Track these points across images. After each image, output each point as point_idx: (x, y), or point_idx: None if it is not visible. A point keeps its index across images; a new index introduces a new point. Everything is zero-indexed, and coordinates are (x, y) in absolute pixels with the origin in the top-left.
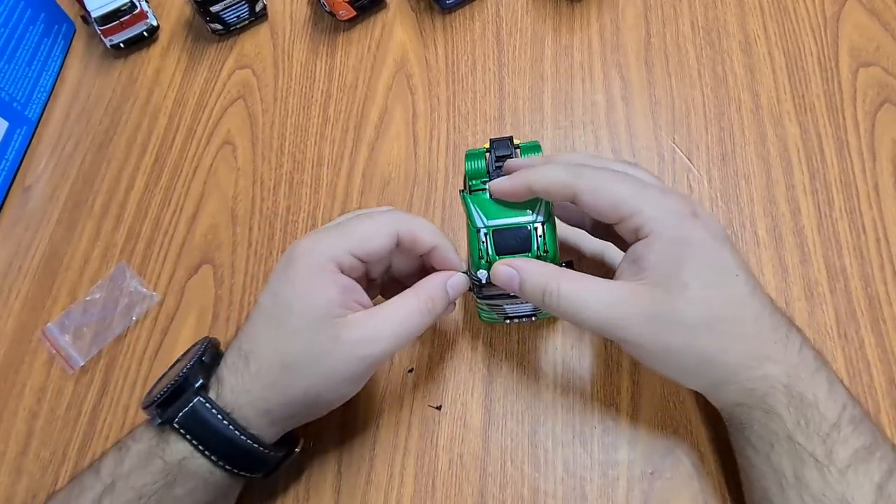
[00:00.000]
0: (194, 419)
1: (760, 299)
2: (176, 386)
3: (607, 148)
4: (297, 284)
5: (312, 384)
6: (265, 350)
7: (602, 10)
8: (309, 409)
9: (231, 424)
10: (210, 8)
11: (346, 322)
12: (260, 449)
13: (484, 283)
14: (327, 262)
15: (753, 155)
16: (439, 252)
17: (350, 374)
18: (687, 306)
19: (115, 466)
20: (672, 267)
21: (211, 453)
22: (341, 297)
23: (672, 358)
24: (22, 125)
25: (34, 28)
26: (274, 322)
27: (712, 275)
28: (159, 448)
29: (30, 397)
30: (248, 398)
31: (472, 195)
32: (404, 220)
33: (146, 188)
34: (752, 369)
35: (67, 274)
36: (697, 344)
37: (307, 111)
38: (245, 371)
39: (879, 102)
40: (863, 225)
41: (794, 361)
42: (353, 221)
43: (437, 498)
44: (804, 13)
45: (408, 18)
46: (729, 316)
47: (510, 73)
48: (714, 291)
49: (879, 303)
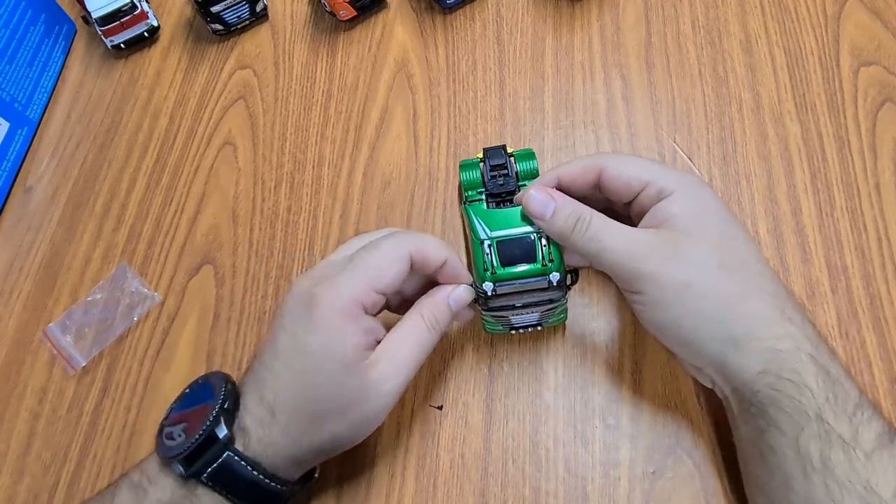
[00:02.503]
0: (225, 473)
1: (775, 278)
2: (202, 440)
3: (608, 147)
4: (323, 333)
5: (341, 430)
6: (291, 401)
7: (603, 9)
8: (336, 450)
9: (262, 475)
10: (211, 8)
11: (369, 364)
12: (285, 489)
13: (490, 296)
14: (353, 306)
15: (754, 154)
16: (448, 268)
17: (377, 412)
18: (710, 248)
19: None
20: (695, 217)
21: (240, 501)
22: (366, 341)
23: (692, 302)
24: (23, 126)
25: (35, 29)
26: (298, 372)
27: (733, 230)
28: (186, 500)
29: (31, 398)
30: (276, 449)
31: (472, 206)
32: (412, 241)
33: (147, 188)
34: (776, 325)
35: (69, 274)
36: (718, 284)
37: (308, 111)
38: (272, 423)
39: (880, 101)
40: (864, 224)
41: (811, 333)
42: (364, 256)
43: (439, 497)
44: (805, 12)
45: (408, 18)
46: (750, 267)
47: (511, 73)
48: (736, 243)
49: (881, 302)
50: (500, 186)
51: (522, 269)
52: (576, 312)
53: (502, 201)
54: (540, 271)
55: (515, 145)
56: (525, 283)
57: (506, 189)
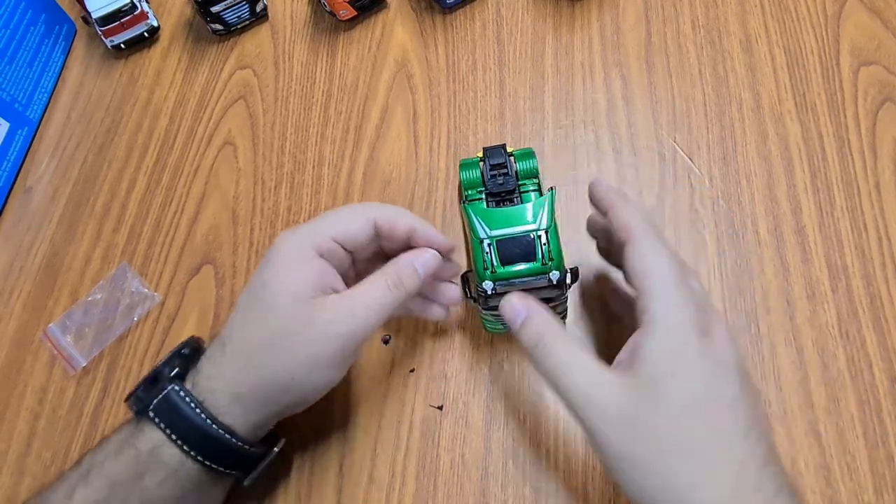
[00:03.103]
0: (166, 406)
1: (751, 447)
2: (152, 376)
3: (608, 147)
4: (274, 267)
5: (285, 366)
6: (240, 332)
7: (603, 9)
8: (284, 395)
9: (203, 413)
10: (211, 8)
11: (319, 303)
12: (231, 440)
13: (490, 294)
14: (305, 246)
15: (754, 154)
16: (419, 235)
17: (323, 356)
18: (666, 422)
19: (93, 456)
20: (671, 365)
21: (182, 442)
22: (317, 280)
23: (635, 470)
24: (23, 126)
25: (35, 29)
26: (250, 305)
27: (700, 405)
28: (133, 437)
29: (31, 398)
30: (221, 383)
31: (471, 205)
32: (381, 208)
33: (147, 189)
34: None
35: (69, 275)
36: (665, 467)
37: (308, 111)
38: (221, 357)
39: (881, 101)
40: (864, 223)
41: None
42: (331, 210)
43: (439, 497)
44: (805, 12)
45: (408, 18)
46: (707, 452)
47: (511, 73)
48: (698, 421)
49: (881, 301)
50: (500, 185)
51: (522, 268)
52: (576, 312)
53: (502, 200)
54: (540, 270)
55: (516, 145)
56: (525, 282)
57: (505, 188)
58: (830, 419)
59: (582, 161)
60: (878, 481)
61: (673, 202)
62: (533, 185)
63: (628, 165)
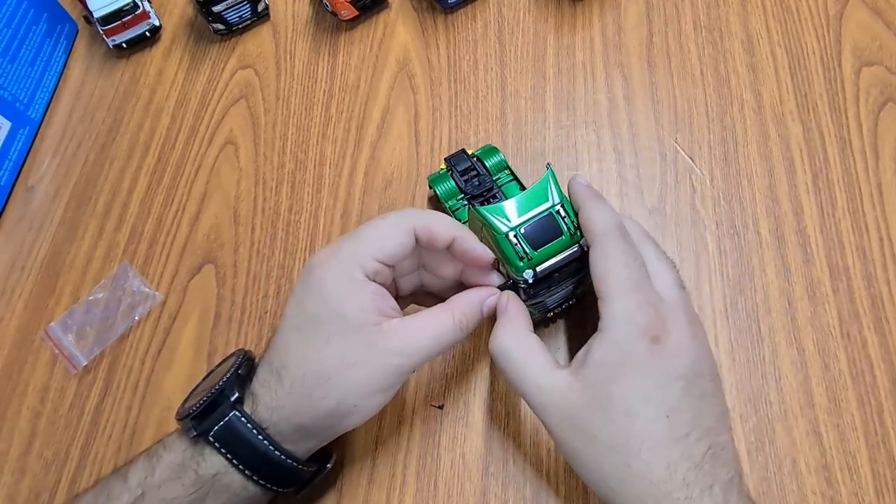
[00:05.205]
0: (230, 433)
1: (687, 448)
2: (212, 399)
3: (609, 147)
4: (324, 293)
5: (346, 394)
6: (297, 363)
7: (604, 9)
8: (342, 420)
9: (266, 440)
10: (212, 8)
11: (381, 330)
12: (294, 464)
13: (532, 283)
14: (353, 268)
15: (756, 154)
16: (460, 243)
17: (385, 383)
18: (603, 425)
19: (145, 476)
20: (606, 379)
21: (245, 468)
22: (374, 305)
23: (579, 465)
24: (25, 125)
25: (37, 28)
26: (303, 334)
27: (639, 406)
28: (193, 461)
29: (33, 397)
30: (283, 414)
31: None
32: (419, 216)
33: (149, 188)
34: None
35: (70, 274)
36: (601, 465)
37: (309, 111)
38: (278, 387)
39: (882, 101)
40: (865, 224)
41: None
42: (367, 226)
43: (440, 497)
44: (807, 12)
45: (410, 18)
46: (640, 452)
47: (512, 73)
48: (635, 423)
49: (882, 302)
50: (478, 186)
51: (554, 245)
52: (576, 311)
53: (485, 200)
54: (570, 242)
55: (517, 145)
56: (561, 260)
57: (485, 187)
58: (831, 420)
59: (583, 161)
60: (879, 482)
61: (674, 202)
62: (507, 176)
63: (630, 166)
